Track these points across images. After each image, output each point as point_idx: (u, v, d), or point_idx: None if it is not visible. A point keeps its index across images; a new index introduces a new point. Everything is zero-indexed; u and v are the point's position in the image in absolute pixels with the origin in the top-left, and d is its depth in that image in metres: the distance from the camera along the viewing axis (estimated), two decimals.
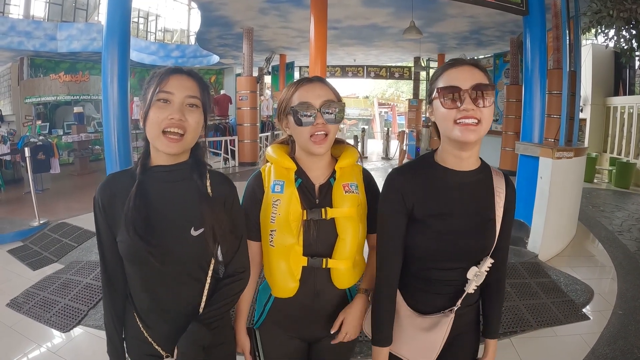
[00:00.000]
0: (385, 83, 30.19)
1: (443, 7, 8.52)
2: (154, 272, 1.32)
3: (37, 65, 12.98)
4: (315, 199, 1.53)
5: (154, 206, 1.33)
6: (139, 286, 1.38)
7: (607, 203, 8.28)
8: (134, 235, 1.26)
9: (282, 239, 1.47)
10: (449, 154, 1.36)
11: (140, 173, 1.34)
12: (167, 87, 1.27)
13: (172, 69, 1.31)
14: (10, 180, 9.40)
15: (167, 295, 1.37)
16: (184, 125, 1.28)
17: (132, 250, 1.29)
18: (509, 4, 5.27)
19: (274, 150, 1.59)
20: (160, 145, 1.28)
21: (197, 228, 1.35)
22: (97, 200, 1.34)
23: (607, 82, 12.13)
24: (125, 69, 4.57)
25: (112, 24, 4.44)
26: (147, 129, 1.29)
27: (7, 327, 3.53)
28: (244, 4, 8.68)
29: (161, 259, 1.29)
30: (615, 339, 3.34)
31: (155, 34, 17.66)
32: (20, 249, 5.43)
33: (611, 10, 5.30)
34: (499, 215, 1.38)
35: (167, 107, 1.27)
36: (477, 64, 1.31)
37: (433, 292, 1.43)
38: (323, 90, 1.49)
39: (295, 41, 12.24)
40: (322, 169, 1.57)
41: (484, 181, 1.41)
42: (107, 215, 1.33)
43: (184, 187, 1.37)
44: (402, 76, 17.12)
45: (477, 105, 1.25)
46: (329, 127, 1.47)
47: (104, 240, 1.37)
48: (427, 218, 1.36)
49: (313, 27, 6.78)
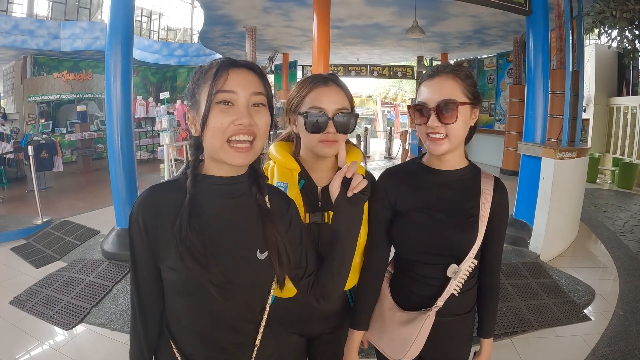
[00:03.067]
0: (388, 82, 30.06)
1: (446, 6, 8.50)
2: (212, 306, 1.11)
3: (40, 64, 13.04)
4: (318, 201, 1.50)
5: (211, 226, 1.11)
6: (187, 322, 1.15)
7: (609, 203, 8.26)
8: (192, 262, 1.04)
9: None
10: (432, 156, 1.47)
11: (192, 186, 1.10)
12: (228, 85, 1.04)
13: (227, 61, 1.08)
14: (13, 178, 9.44)
15: (223, 332, 1.16)
16: (253, 131, 1.06)
17: (188, 281, 1.06)
18: (512, 3, 5.26)
19: (277, 149, 1.55)
20: (227, 156, 1.06)
21: (263, 251, 1.15)
22: (135, 216, 1.09)
23: (610, 82, 12.10)
24: (129, 67, 4.58)
25: (115, 23, 4.45)
26: (208, 138, 1.05)
27: (10, 325, 3.55)
28: (247, 2, 8.68)
29: (223, 289, 1.08)
30: (616, 340, 3.33)
31: (158, 32, 17.70)
32: (24, 246, 5.45)
33: (614, 11, 5.29)
34: (484, 216, 1.41)
35: (230, 110, 1.04)
36: (455, 73, 1.36)
37: (416, 288, 1.48)
38: (338, 96, 1.42)
39: (298, 40, 12.24)
40: (325, 170, 1.53)
41: (469, 180, 1.46)
42: (149, 238, 1.09)
43: (243, 204, 1.16)
44: (405, 75, 17.07)
45: (442, 122, 1.33)
46: (339, 137, 1.41)
47: (141, 269, 1.13)
48: (410, 211, 1.45)
49: (316, 26, 6.78)
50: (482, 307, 1.55)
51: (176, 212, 1.07)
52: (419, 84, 1.44)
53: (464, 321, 1.52)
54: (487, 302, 1.54)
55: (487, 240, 1.43)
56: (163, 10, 17.92)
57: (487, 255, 1.49)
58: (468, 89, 1.36)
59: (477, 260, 1.42)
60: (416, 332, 1.40)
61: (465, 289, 1.45)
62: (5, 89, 14.61)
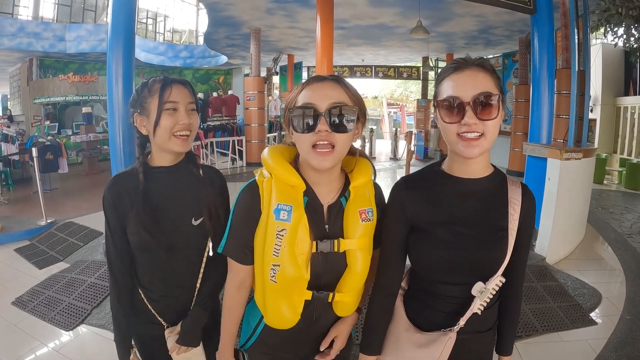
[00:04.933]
0: (394, 83, 30.10)
1: (450, 6, 8.46)
2: (161, 260, 1.52)
3: (46, 66, 13.10)
4: (325, 224, 1.31)
5: (158, 204, 1.51)
6: (148, 271, 1.57)
7: (616, 205, 8.17)
8: (144, 232, 1.45)
9: (287, 276, 1.25)
10: (455, 161, 1.29)
11: (143, 174, 1.51)
12: (173, 97, 1.46)
13: (169, 80, 1.49)
14: (19, 179, 9.49)
15: (172, 278, 1.57)
16: (190, 127, 1.50)
17: (142, 244, 1.48)
18: (517, 2, 5.22)
19: (274, 158, 1.31)
20: (174, 146, 1.49)
21: (197, 218, 1.54)
22: (107, 198, 1.50)
23: (617, 82, 12.00)
24: (130, 69, 4.57)
25: (117, 25, 4.45)
26: (159, 134, 1.47)
27: (11, 325, 3.56)
28: (251, 4, 8.68)
29: (167, 250, 1.50)
30: (623, 345, 3.28)
31: (163, 34, 17.74)
32: (27, 247, 5.46)
33: (620, 8, 5.25)
34: (513, 228, 1.26)
35: (175, 114, 1.47)
36: (483, 65, 1.20)
37: (436, 308, 1.34)
38: (334, 90, 1.23)
39: (302, 41, 12.23)
40: (330, 183, 1.34)
41: (495, 190, 1.31)
42: (117, 210, 1.49)
43: (183, 182, 1.56)
44: (410, 76, 17.05)
45: (480, 118, 1.16)
46: (336, 138, 1.21)
47: (114, 232, 1.52)
48: (430, 226, 1.29)
49: (319, 27, 6.77)
50: (503, 323, 1.42)
51: (132, 193, 1.48)
52: (439, 79, 1.26)
53: (485, 338, 1.39)
54: (509, 318, 1.41)
55: (514, 252, 1.28)
56: (168, 12, 17.96)
57: (511, 268, 1.31)
58: (498, 84, 1.21)
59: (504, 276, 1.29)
60: (437, 354, 1.29)
61: (488, 306, 1.31)
62: (11, 91, 14.70)
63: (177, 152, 1.54)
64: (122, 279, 1.55)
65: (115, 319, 1.58)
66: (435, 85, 1.30)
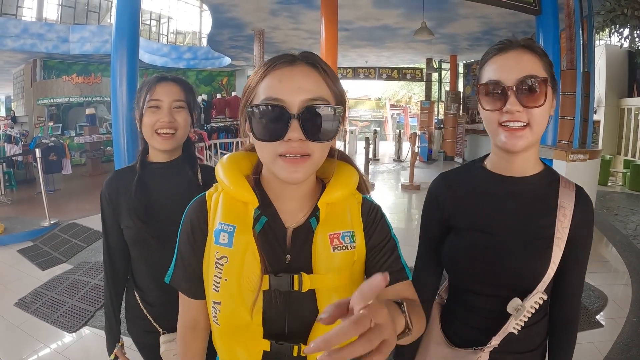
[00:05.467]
0: (398, 85, 30.03)
1: (454, 7, 8.45)
2: (156, 254, 1.47)
3: (49, 67, 13.12)
4: (285, 254, 0.95)
5: (153, 197, 1.51)
6: (143, 268, 1.55)
7: (621, 206, 8.13)
8: (138, 221, 1.45)
9: (230, 317, 0.92)
10: (498, 156, 1.14)
11: (140, 168, 1.53)
12: (156, 94, 1.47)
13: (158, 77, 1.51)
14: (22, 180, 9.52)
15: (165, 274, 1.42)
16: (174, 125, 1.48)
17: (136, 234, 1.47)
18: (521, 3, 5.20)
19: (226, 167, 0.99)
20: (156, 143, 1.49)
21: None
22: (104, 192, 1.52)
23: (621, 83, 11.95)
24: (134, 70, 4.56)
25: (121, 26, 4.44)
26: (143, 131, 1.50)
27: (14, 327, 3.55)
28: (255, 5, 8.69)
29: (160, 240, 1.45)
30: (629, 347, 3.25)
31: (167, 36, 17.74)
32: (30, 248, 5.46)
33: (625, 9, 5.23)
34: (561, 238, 1.08)
35: (157, 111, 1.47)
36: (530, 47, 1.05)
37: (468, 323, 1.20)
38: (310, 79, 0.87)
39: (306, 43, 12.24)
40: (300, 199, 0.98)
41: (544, 191, 1.13)
42: (113, 205, 1.51)
43: (178, 180, 1.54)
44: (414, 78, 17.02)
45: (524, 104, 1.01)
46: (312, 146, 0.86)
47: (109, 227, 1.53)
48: (465, 229, 1.16)
49: (323, 28, 6.76)
50: (554, 346, 1.21)
51: (129, 187, 1.49)
52: (482, 62, 1.11)
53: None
54: (561, 340, 1.20)
55: (565, 267, 1.10)
56: (172, 14, 17.97)
57: (563, 284, 1.14)
58: (548, 69, 1.05)
59: (548, 293, 1.11)
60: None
61: (530, 323, 1.11)
62: (15, 92, 14.72)
63: (161, 150, 1.53)
64: (115, 278, 1.57)
65: (106, 316, 1.61)
66: (477, 69, 1.16)
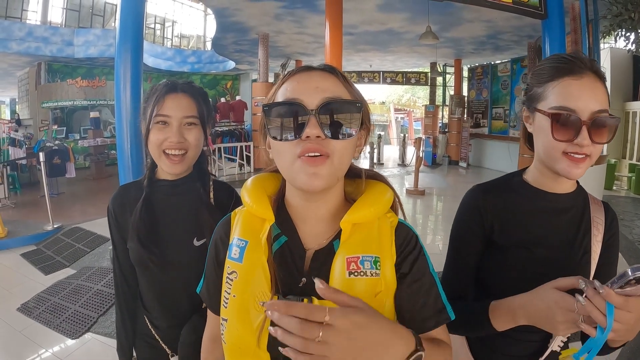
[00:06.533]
0: (402, 89, 29.99)
1: (459, 11, 8.41)
2: (158, 279, 1.40)
3: (54, 70, 13.16)
4: (302, 276, 0.88)
5: (159, 218, 1.40)
6: (147, 290, 1.45)
7: (626, 211, 8.06)
8: (138, 243, 1.33)
9: (235, 337, 0.86)
10: (544, 174, 1.12)
11: (147, 186, 1.41)
12: (164, 109, 1.30)
13: (167, 87, 1.33)
14: (26, 183, 9.53)
15: (171, 300, 1.42)
16: (184, 146, 1.33)
17: (137, 257, 1.36)
18: (528, 7, 5.17)
19: (251, 187, 0.97)
20: (164, 165, 1.35)
21: (200, 238, 1.38)
22: (110, 209, 1.44)
23: (625, 87, 11.91)
24: (138, 74, 4.55)
25: (125, 29, 4.43)
26: (149, 149, 1.34)
27: (17, 332, 3.53)
28: (259, 9, 8.67)
29: (161, 266, 1.36)
30: (636, 356, 3.20)
31: (171, 39, 17.79)
32: (33, 252, 5.45)
33: (632, 13, 5.19)
34: (596, 252, 1.11)
35: (165, 129, 1.31)
36: (599, 73, 1.03)
37: (507, 345, 1.15)
38: (328, 81, 0.86)
39: (310, 47, 12.22)
40: (325, 220, 0.93)
41: (580, 208, 1.14)
42: (118, 223, 1.42)
43: (188, 199, 1.42)
44: (418, 82, 16.97)
45: (593, 140, 0.99)
46: (332, 146, 0.82)
47: (117, 245, 1.45)
48: (508, 246, 1.12)
49: (328, 32, 6.73)
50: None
51: (135, 204, 1.38)
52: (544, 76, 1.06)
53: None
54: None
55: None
56: (176, 18, 18.03)
57: None
58: (609, 96, 1.03)
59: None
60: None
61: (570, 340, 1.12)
62: (19, 95, 14.77)
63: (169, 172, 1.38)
64: (124, 301, 1.49)
65: (118, 336, 1.53)
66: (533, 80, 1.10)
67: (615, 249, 1.16)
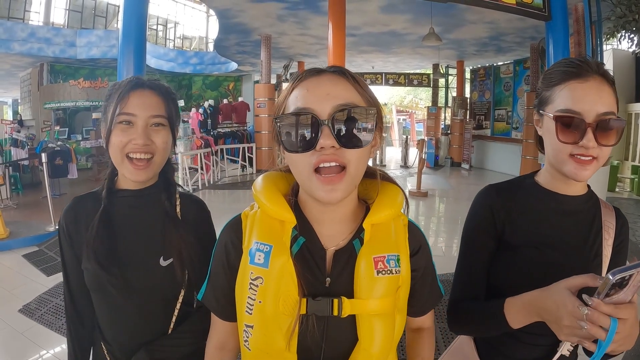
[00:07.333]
0: (404, 90, 30.02)
1: (462, 13, 8.40)
2: (116, 303, 1.19)
3: (56, 71, 13.21)
4: (325, 277, 0.89)
5: (119, 234, 1.20)
6: (106, 316, 1.23)
7: (629, 213, 8.02)
8: (95, 263, 1.14)
9: (263, 343, 0.87)
10: (555, 177, 1.13)
11: (106, 197, 1.21)
12: (128, 107, 1.13)
13: (132, 83, 1.16)
14: (28, 184, 9.54)
15: (133, 327, 1.22)
16: (150, 149, 1.15)
17: (94, 280, 1.17)
18: (531, 9, 5.16)
19: (264, 186, 0.95)
20: (127, 172, 1.16)
21: (167, 258, 1.20)
22: (62, 224, 1.22)
23: (628, 88, 11.87)
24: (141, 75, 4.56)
25: (128, 30, 4.44)
26: (110, 153, 1.16)
27: (18, 334, 3.51)
28: (262, 11, 8.68)
29: (122, 289, 1.17)
30: None
31: (174, 40, 17.83)
32: (35, 253, 5.43)
33: (636, 15, 5.18)
34: (607, 256, 1.10)
35: (129, 129, 1.13)
36: (606, 76, 1.02)
37: (515, 348, 1.14)
38: (339, 86, 0.84)
39: (313, 48, 12.23)
40: (341, 221, 0.94)
41: (591, 211, 1.15)
42: (72, 240, 1.21)
43: (152, 212, 1.23)
44: (420, 83, 16.99)
45: (599, 142, 0.99)
46: (348, 155, 0.81)
47: (69, 267, 1.24)
48: (519, 246, 1.12)
49: (331, 34, 6.74)
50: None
51: (91, 217, 1.18)
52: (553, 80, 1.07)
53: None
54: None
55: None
56: (179, 19, 18.07)
57: None
58: (616, 99, 1.03)
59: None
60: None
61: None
62: (22, 96, 14.82)
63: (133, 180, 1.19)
64: (79, 327, 1.27)
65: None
66: (543, 84, 1.11)
67: (624, 256, 1.15)
